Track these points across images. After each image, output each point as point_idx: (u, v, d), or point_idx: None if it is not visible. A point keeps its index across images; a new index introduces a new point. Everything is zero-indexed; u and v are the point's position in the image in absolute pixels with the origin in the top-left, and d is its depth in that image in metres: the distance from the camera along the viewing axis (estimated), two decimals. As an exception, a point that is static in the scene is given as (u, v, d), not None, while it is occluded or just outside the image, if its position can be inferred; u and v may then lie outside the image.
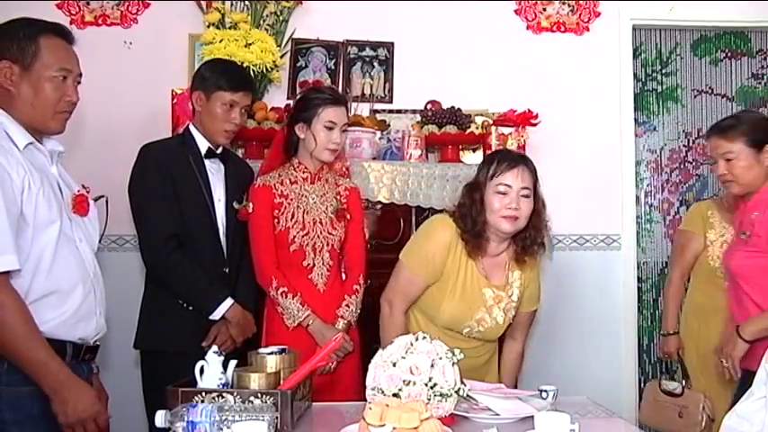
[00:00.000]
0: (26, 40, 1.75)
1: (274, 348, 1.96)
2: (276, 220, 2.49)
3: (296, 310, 2.43)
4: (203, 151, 2.52)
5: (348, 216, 2.58)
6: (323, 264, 2.51)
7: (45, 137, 1.84)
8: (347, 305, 2.51)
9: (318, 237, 2.51)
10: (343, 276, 2.60)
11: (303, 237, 2.49)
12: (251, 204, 2.53)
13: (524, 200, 2.25)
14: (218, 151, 2.56)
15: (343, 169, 2.78)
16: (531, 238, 2.30)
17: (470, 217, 2.26)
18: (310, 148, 2.51)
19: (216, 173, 2.55)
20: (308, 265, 2.50)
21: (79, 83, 1.86)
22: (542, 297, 2.79)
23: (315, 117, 2.49)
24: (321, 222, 2.51)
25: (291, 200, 2.51)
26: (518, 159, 2.29)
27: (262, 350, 1.95)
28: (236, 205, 2.54)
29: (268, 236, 2.49)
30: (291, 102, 3.03)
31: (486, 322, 2.32)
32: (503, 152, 2.48)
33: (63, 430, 1.71)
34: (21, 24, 1.79)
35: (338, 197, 2.58)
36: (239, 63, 3.09)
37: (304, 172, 2.55)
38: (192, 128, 2.55)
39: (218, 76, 2.49)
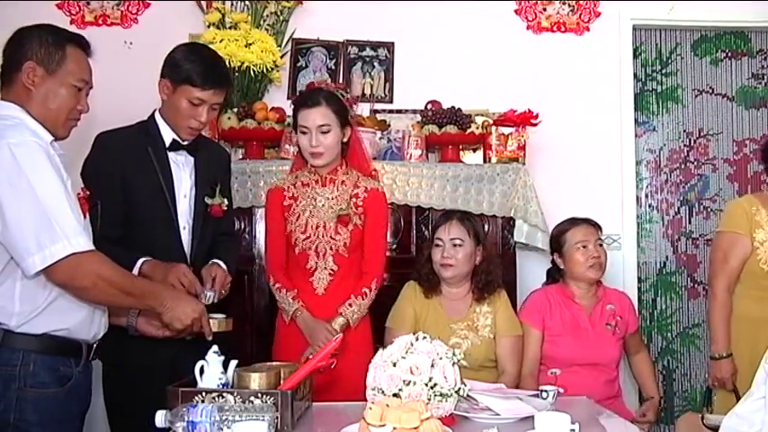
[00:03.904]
0: (54, 46, 1.82)
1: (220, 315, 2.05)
2: (287, 221, 2.53)
3: (287, 305, 2.47)
4: (167, 142, 2.31)
5: (355, 221, 2.51)
6: (325, 267, 2.50)
7: None
8: (350, 304, 2.48)
9: (321, 240, 2.49)
10: None
11: (304, 240, 2.49)
12: (225, 201, 2.44)
13: (457, 249, 2.64)
14: (185, 143, 2.33)
15: (371, 171, 2.68)
16: (483, 281, 2.67)
17: (420, 268, 2.72)
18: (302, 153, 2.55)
19: (182, 166, 2.34)
20: (311, 267, 2.51)
21: (87, 94, 1.91)
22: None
23: (296, 123, 2.50)
24: (324, 227, 2.49)
25: (300, 202, 2.52)
26: (451, 216, 2.73)
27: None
28: (207, 200, 2.37)
29: (276, 236, 2.54)
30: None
31: (462, 346, 2.57)
32: (443, 213, 2.91)
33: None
34: (48, 30, 1.85)
35: (354, 199, 2.52)
36: (239, 62, 3.10)
37: (315, 174, 2.55)
38: (156, 115, 2.33)
39: (190, 67, 2.23)
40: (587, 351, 2.71)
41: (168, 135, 2.32)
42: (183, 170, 2.34)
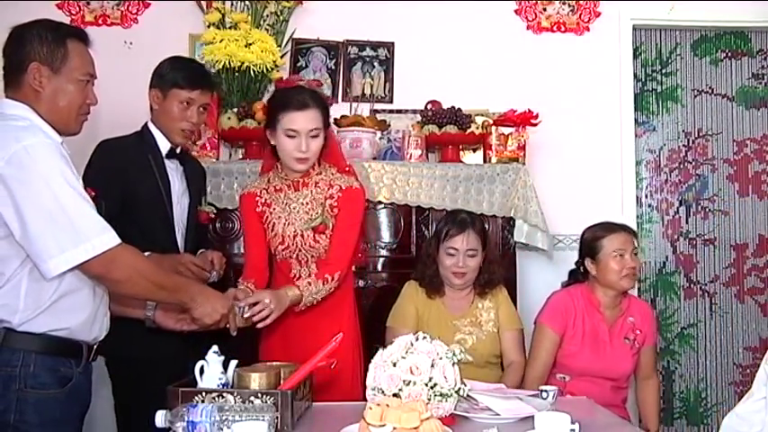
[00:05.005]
0: (55, 43, 1.80)
1: None
2: (264, 228, 2.43)
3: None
4: (164, 151, 2.45)
5: (330, 226, 2.37)
6: (309, 275, 2.36)
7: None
8: (309, 283, 2.27)
9: (300, 249, 2.39)
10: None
11: (283, 250, 2.40)
12: (213, 209, 2.56)
13: (470, 258, 2.65)
14: (178, 150, 2.49)
15: (346, 167, 2.54)
16: (484, 280, 2.70)
17: (424, 269, 2.70)
18: (280, 156, 2.38)
19: (175, 173, 2.48)
20: (295, 276, 2.39)
21: (93, 85, 1.90)
22: (542, 297, 2.79)
23: (277, 124, 2.32)
24: (302, 235, 2.37)
25: (274, 209, 2.41)
26: (466, 224, 2.66)
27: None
28: (201, 208, 2.53)
29: (253, 242, 2.45)
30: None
31: (467, 342, 2.61)
32: (454, 215, 2.77)
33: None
34: (47, 27, 1.83)
35: (329, 201, 2.38)
36: (239, 62, 3.10)
37: (286, 178, 2.41)
38: (150, 125, 2.47)
39: (175, 73, 2.41)
40: (602, 365, 2.63)
41: (164, 143, 2.46)
42: (175, 177, 2.48)
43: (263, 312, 2.15)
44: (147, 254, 2.24)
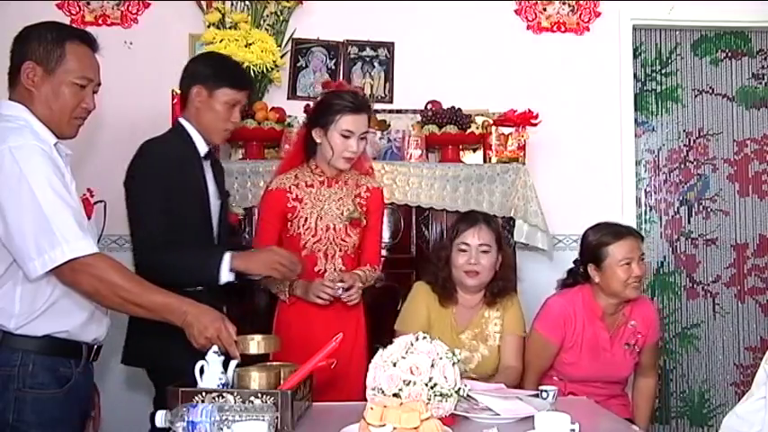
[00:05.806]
0: (53, 43, 1.78)
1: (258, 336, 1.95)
2: (289, 224, 2.49)
3: (281, 284, 2.44)
4: (202, 152, 2.38)
5: (364, 222, 2.52)
6: (334, 270, 2.47)
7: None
8: (364, 270, 2.50)
9: (331, 243, 2.49)
10: None
11: (314, 243, 2.48)
12: (242, 210, 2.63)
13: (484, 255, 2.55)
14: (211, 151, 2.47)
15: (369, 169, 2.69)
16: (499, 287, 2.60)
17: (437, 273, 2.59)
18: (327, 155, 2.47)
19: (209, 173, 2.44)
20: (319, 270, 2.48)
21: (96, 92, 1.88)
22: (542, 298, 2.78)
23: (332, 124, 2.43)
24: (334, 229, 2.49)
25: (305, 204, 2.49)
26: (477, 219, 2.61)
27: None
28: (231, 209, 2.56)
29: (268, 238, 2.47)
30: (310, 103, 2.99)
31: (473, 361, 2.55)
32: (465, 214, 2.75)
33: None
34: (49, 28, 1.81)
35: (358, 199, 2.54)
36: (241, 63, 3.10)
37: (320, 175, 2.53)
38: (187, 126, 2.36)
39: (223, 72, 2.36)
40: (600, 372, 2.58)
41: (201, 143, 2.37)
42: (209, 177, 2.42)
43: (355, 296, 2.40)
44: (230, 254, 2.17)
